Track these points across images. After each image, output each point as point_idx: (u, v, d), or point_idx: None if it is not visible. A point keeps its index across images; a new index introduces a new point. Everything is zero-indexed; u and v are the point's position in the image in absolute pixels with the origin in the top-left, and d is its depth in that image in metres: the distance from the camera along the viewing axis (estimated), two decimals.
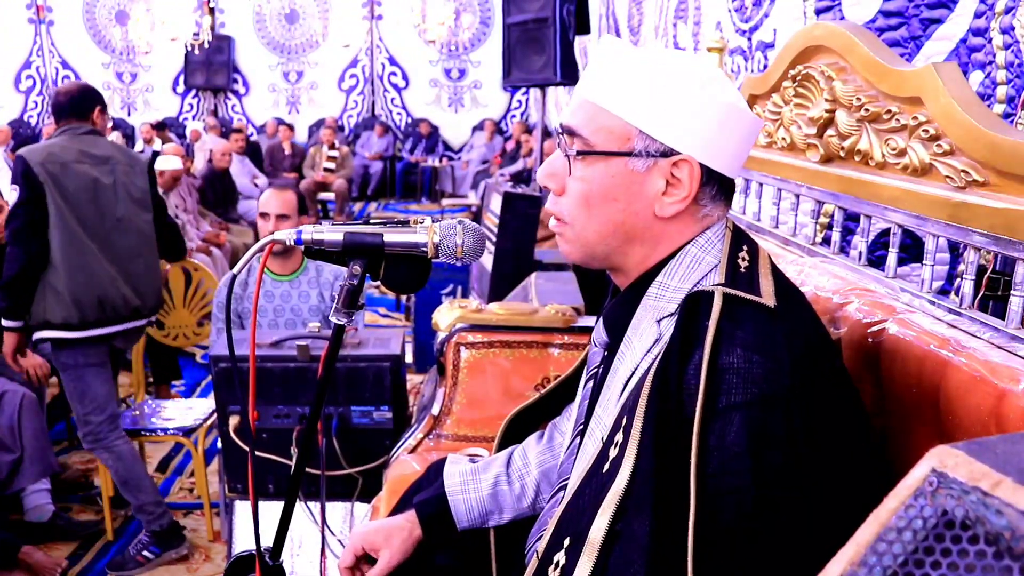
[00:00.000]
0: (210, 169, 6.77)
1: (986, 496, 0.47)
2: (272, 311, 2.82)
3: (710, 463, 0.83)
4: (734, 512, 0.83)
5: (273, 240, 1.08)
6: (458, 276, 4.46)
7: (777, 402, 0.84)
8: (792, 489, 0.85)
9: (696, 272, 0.99)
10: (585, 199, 1.00)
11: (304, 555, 2.25)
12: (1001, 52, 1.69)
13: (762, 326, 0.88)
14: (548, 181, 1.04)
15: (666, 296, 0.99)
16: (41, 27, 11.90)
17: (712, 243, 1.00)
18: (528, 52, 4.48)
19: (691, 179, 0.97)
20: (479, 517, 1.30)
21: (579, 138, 0.99)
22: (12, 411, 2.82)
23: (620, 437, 0.91)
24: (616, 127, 0.97)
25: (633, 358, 0.99)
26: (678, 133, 0.96)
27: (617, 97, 0.97)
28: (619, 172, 0.98)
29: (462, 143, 12.10)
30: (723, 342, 0.86)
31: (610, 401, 1.02)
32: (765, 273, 0.97)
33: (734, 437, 0.83)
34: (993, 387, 0.92)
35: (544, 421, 1.43)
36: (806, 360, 0.88)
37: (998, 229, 1.05)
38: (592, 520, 0.89)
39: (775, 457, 0.84)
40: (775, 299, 0.91)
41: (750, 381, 0.84)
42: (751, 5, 2.88)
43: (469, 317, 2.03)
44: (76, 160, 2.68)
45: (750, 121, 1.01)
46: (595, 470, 0.95)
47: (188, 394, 4.38)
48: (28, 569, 2.64)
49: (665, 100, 0.96)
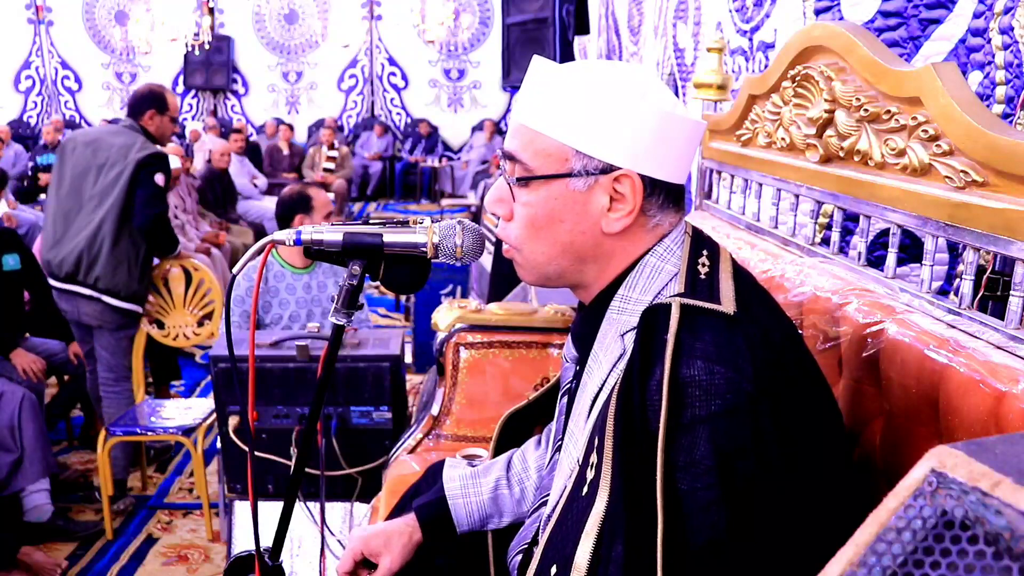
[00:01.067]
0: (209, 169, 6.77)
1: (985, 496, 0.47)
2: (294, 303, 2.90)
3: (683, 479, 0.83)
4: (713, 525, 0.82)
5: (272, 241, 1.09)
6: (457, 276, 4.46)
7: (742, 410, 0.83)
8: (768, 495, 0.84)
9: (656, 282, 0.98)
10: (531, 223, 1.00)
11: (304, 555, 2.25)
12: (1000, 52, 1.69)
13: (721, 335, 0.87)
14: (496, 207, 1.04)
15: (628, 309, 0.98)
16: (40, 27, 11.90)
17: (671, 251, 0.99)
18: (527, 52, 4.48)
19: (634, 192, 0.96)
20: (479, 521, 1.30)
21: (519, 164, 0.99)
22: (12, 411, 2.83)
23: (595, 458, 0.90)
24: (553, 149, 0.97)
25: (600, 373, 0.98)
26: (614, 148, 0.95)
27: (550, 119, 0.96)
28: (561, 194, 0.97)
29: (461, 143, 12.11)
30: (683, 355, 0.85)
31: (580, 416, 1.01)
32: (726, 277, 0.96)
33: (703, 451, 0.83)
34: (992, 387, 0.92)
35: (539, 422, 1.44)
36: (769, 363, 0.87)
37: (997, 229, 1.05)
38: (577, 545, 0.88)
39: (747, 465, 0.83)
40: (735, 304, 0.90)
41: (713, 393, 0.83)
42: (752, 5, 2.88)
43: (468, 317, 2.03)
44: (87, 143, 3.20)
45: (689, 126, 0.99)
46: (575, 493, 0.94)
47: (188, 394, 4.38)
48: (28, 569, 2.64)
49: (598, 117, 0.95)
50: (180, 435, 3.02)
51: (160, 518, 3.15)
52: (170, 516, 3.17)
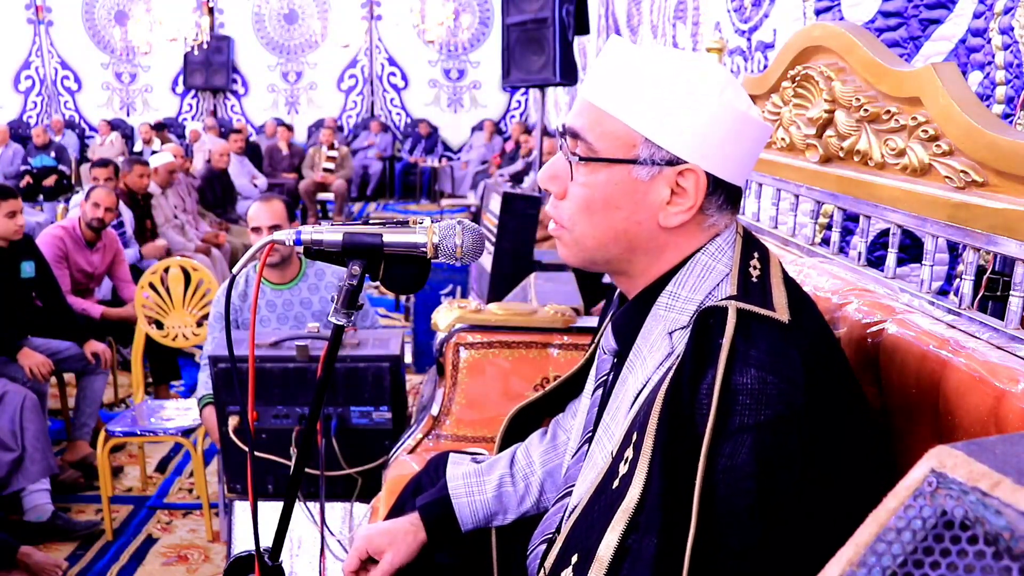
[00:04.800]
0: (209, 169, 6.77)
1: (985, 496, 0.47)
2: (275, 320, 2.81)
3: (721, 484, 0.82)
4: (747, 532, 0.82)
5: (272, 241, 1.08)
6: (457, 276, 4.46)
7: (790, 422, 0.83)
8: (805, 508, 0.84)
9: (707, 281, 0.96)
10: (587, 205, 0.97)
11: (303, 555, 2.25)
12: (1000, 52, 1.69)
13: (776, 344, 0.86)
14: (550, 184, 1.01)
15: (677, 307, 0.96)
16: (40, 27, 11.89)
17: (723, 251, 0.98)
18: (527, 52, 4.48)
19: (697, 189, 0.94)
20: (484, 518, 1.30)
21: (582, 142, 0.97)
22: (14, 411, 2.83)
23: (630, 453, 0.89)
24: (621, 133, 0.94)
25: (644, 370, 0.97)
26: (685, 142, 0.93)
27: (623, 102, 0.94)
28: (622, 180, 0.95)
29: (461, 143, 12.10)
30: (737, 361, 0.84)
31: (619, 411, 1.00)
32: (777, 283, 0.95)
33: (744, 458, 0.82)
34: (992, 387, 0.92)
35: (546, 418, 1.43)
36: (819, 376, 0.86)
37: (997, 229, 1.05)
38: (601, 537, 0.88)
39: (787, 476, 0.83)
40: (788, 312, 0.89)
41: (763, 403, 0.83)
42: (750, 5, 2.88)
43: (468, 317, 2.03)
44: None
45: (760, 128, 0.98)
46: (604, 486, 0.93)
47: (187, 394, 4.37)
48: (27, 569, 2.64)
49: (672, 107, 0.92)
50: (180, 435, 3.02)
51: (160, 518, 3.15)
52: (170, 516, 3.17)
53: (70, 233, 3.93)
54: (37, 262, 3.34)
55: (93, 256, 4.02)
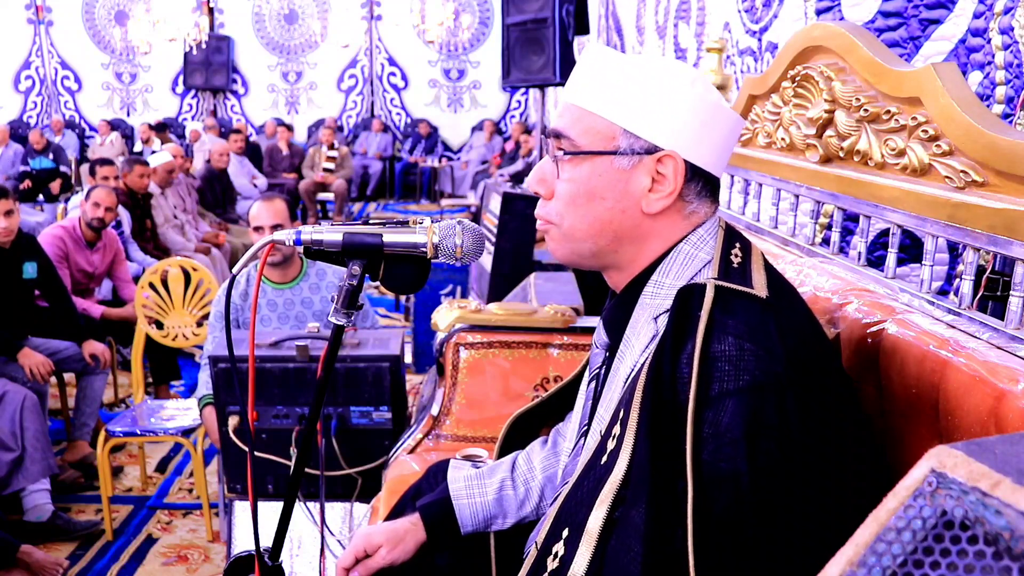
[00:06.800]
0: (209, 169, 6.77)
1: (985, 496, 0.47)
2: (276, 319, 2.81)
3: (705, 449, 0.84)
4: (731, 498, 0.84)
5: (273, 241, 1.08)
6: (457, 276, 4.46)
7: (769, 389, 0.85)
8: (786, 477, 0.85)
9: (690, 269, 1.01)
10: (573, 198, 1.02)
11: (303, 555, 2.25)
12: (1000, 52, 1.69)
13: (754, 316, 0.90)
14: (538, 186, 1.07)
15: (661, 294, 1.00)
16: (40, 27, 11.89)
17: (704, 240, 1.02)
18: (527, 52, 4.48)
19: (676, 174, 0.99)
20: (483, 521, 1.30)
21: (566, 139, 1.02)
22: (14, 411, 2.83)
23: (617, 430, 0.92)
24: (601, 127, 1.00)
25: (632, 356, 1.00)
26: (661, 130, 0.99)
27: (601, 99, 1.00)
28: (605, 171, 1.01)
29: (461, 143, 12.10)
30: (715, 331, 0.87)
31: (612, 401, 1.02)
32: (758, 268, 0.99)
33: (728, 423, 0.84)
34: (992, 387, 0.92)
35: (546, 424, 1.43)
36: (798, 350, 0.89)
37: (997, 229, 1.05)
38: (590, 511, 0.90)
39: (769, 444, 0.85)
40: (767, 291, 0.93)
41: (742, 368, 0.85)
42: (761, 6, 2.87)
43: (468, 317, 2.03)
44: None
45: (733, 120, 1.03)
46: (593, 463, 0.96)
47: (187, 394, 4.37)
48: (28, 569, 2.64)
49: (648, 99, 0.99)
50: (180, 435, 3.02)
51: (160, 518, 3.15)
52: (170, 516, 3.17)
53: (70, 233, 3.94)
54: (40, 263, 3.34)
55: (93, 256, 4.03)
